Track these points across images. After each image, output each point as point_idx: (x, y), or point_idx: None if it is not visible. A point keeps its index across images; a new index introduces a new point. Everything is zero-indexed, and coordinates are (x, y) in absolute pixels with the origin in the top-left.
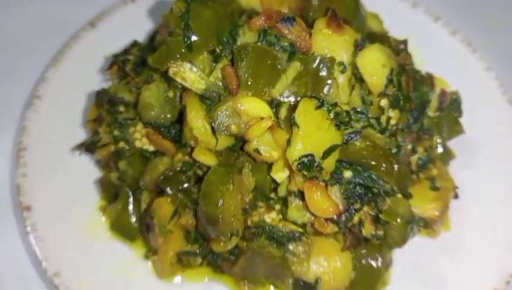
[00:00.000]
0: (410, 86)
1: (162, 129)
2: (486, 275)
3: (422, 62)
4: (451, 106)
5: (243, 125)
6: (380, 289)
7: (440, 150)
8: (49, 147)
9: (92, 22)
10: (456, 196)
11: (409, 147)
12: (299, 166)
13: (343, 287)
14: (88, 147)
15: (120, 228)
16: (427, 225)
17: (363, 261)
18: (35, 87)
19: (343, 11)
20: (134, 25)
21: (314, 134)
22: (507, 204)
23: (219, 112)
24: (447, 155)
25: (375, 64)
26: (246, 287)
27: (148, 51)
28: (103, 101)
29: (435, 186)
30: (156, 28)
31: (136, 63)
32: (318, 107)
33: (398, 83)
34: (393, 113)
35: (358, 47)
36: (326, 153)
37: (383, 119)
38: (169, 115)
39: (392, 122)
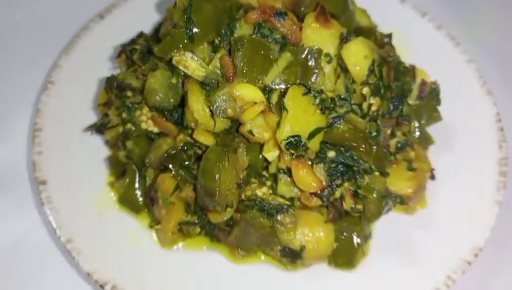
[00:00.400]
0: (391, 76)
1: (166, 112)
2: (457, 248)
3: (408, 54)
4: (431, 95)
5: (238, 109)
6: (359, 258)
7: (417, 134)
8: (62, 128)
9: (101, 14)
10: (432, 177)
11: (389, 131)
12: (287, 145)
13: (325, 255)
14: (98, 128)
15: (127, 201)
16: (403, 201)
17: (345, 233)
18: (49, 73)
19: (332, 6)
20: (140, 17)
21: (301, 117)
22: (480, 185)
23: (217, 97)
24: (426, 140)
25: (358, 56)
26: (240, 255)
27: (153, 41)
28: (112, 87)
29: (412, 167)
30: (161, 20)
31: (143, 52)
32: (305, 94)
33: (380, 73)
34: (374, 101)
35: (343, 40)
36: (312, 135)
37: (365, 105)
38: (172, 100)
39: (373, 108)
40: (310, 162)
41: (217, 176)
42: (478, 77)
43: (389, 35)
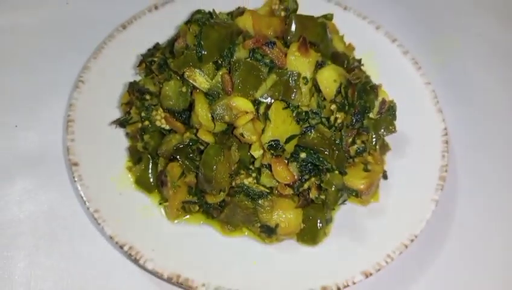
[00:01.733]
0: (355, 96)
1: (176, 114)
2: (398, 234)
3: (378, 73)
4: (389, 111)
5: (233, 116)
6: (321, 237)
7: (374, 142)
8: (91, 120)
9: (124, 24)
10: (385, 177)
11: (350, 139)
12: (268, 147)
13: (294, 233)
14: (121, 123)
15: (142, 182)
16: (358, 195)
17: (310, 217)
18: (79, 74)
19: (313, 36)
20: (157, 28)
21: (281, 126)
22: (423, 186)
23: (217, 106)
24: (384, 147)
25: (328, 80)
26: (228, 229)
27: (169, 55)
28: (134, 90)
29: (367, 169)
30: (174, 32)
31: (160, 64)
32: (285, 108)
33: (345, 93)
34: (339, 115)
35: (318, 66)
36: (288, 140)
37: (332, 119)
38: (182, 104)
39: (338, 121)
40: (286, 161)
41: (214, 167)
42: (433, 97)
43: (359, 60)
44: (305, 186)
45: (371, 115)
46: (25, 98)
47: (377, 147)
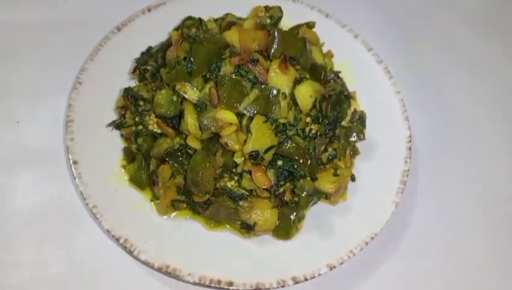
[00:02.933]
0: (328, 109)
1: (167, 120)
2: (360, 232)
3: (354, 80)
4: (359, 120)
5: (218, 127)
6: (294, 233)
7: (344, 150)
8: (89, 120)
9: (119, 26)
10: (353, 179)
11: (322, 147)
12: (249, 157)
13: (270, 229)
14: (117, 125)
15: (135, 180)
16: (327, 197)
17: (285, 215)
18: (77, 75)
19: (294, 51)
20: (150, 30)
21: (261, 138)
22: (385, 188)
23: (204, 118)
24: (355, 152)
25: (305, 95)
26: (212, 224)
27: (161, 61)
28: (129, 95)
29: (336, 173)
30: (166, 34)
31: (153, 72)
32: (265, 122)
33: (320, 107)
34: (314, 127)
35: (296, 82)
36: (267, 150)
37: (307, 130)
38: (173, 112)
39: (313, 131)
40: (264, 168)
41: (200, 173)
42: (401, 106)
43: (336, 73)
44: (281, 190)
45: (343, 123)
46: (26, 95)
47: (347, 153)
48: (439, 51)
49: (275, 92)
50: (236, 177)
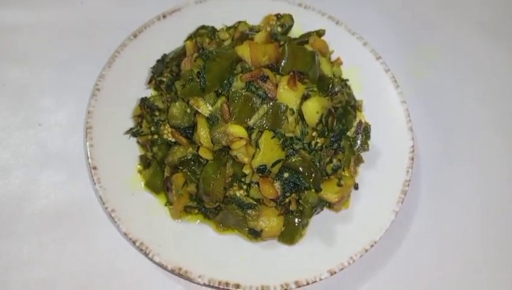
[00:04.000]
0: (334, 123)
1: (181, 130)
2: (360, 239)
3: (361, 88)
4: (364, 131)
5: (229, 141)
6: (298, 239)
7: (349, 161)
8: (107, 127)
9: (135, 33)
10: (356, 188)
11: (328, 159)
12: (257, 171)
13: (276, 235)
14: (134, 133)
15: (151, 185)
16: (331, 206)
17: (290, 222)
18: (96, 82)
19: (303, 65)
20: (165, 37)
21: (268, 153)
22: (386, 197)
23: (216, 133)
24: (359, 160)
25: (312, 111)
26: (222, 229)
27: (175, 70)
28: (145, 105)
29: (340, 183)
30: (181, 40)
31: (167, 85)
32: (273, 137)
33: (326, 122)
34: (319, 140)
35: (304, 98)
36: (274, 164)
37: (313, 143)
38: (186, 123)
39: (318, 145)
40: (271, 179)
41: (211, 183)
42: (406, 115)
43: (344, 81)
44: (287, 200)
45: (349, 134)
46: (46, 97)
47: (351, 163)
48: (445, 56)
49: (283, 108)
50: (245, 187)
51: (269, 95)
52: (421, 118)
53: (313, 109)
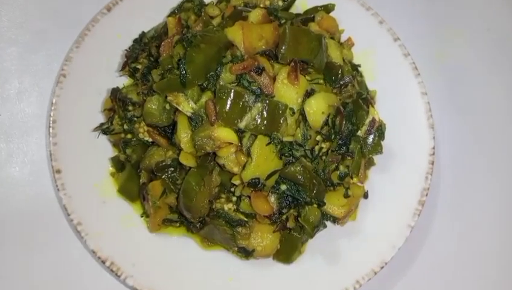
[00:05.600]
0: (343, 124)
1: (159, 128)
2: (368, 259)
3: (373, 76)
4: (377, 131)
5: (215, 147)
6: (296, 256)
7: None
8: (74, 121)
9: (108, 6)
10: (366, 197)
11: (333, 166)
12: (248, 184)
13: (271, 255)
14: (104, 131)
15: (125, 192)
16: (335, 221)
17: (287, 238)
18: (61, 66)
19: (307, 52)
20: (145, 9)
21: (263, 164)
22: (401, 209)
23: (199, 138)
24: (369, 163)
25: (316, 112)
26: (208, 244)
27: (154, 59)
28: (117, 98)
29: (347, 194)
30: (163, 14)
31: (144, 74)
32: (268, 144)
33: (333, 123)
34: (324, 145)
35: (307, 95)
36: (269, 176)
37: (317, 148)
38: (165, 120)
39: (323, 150)
40: (265, 193)
41: (194, 199)
42: (427, 110)
43: (354, 75)
44: (283, 217)
45: (359, 133)
46: (7, 84)
47: (362, 168)
48: (472, 37)
49: (281, 107)
50: (234, 199)
51: (265, 91)
52: (445, 112)
53: (318, 108)
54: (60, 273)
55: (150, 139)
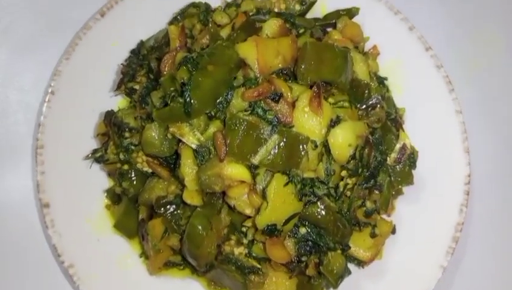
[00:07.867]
0: (371, 156)
1: (160, 159)
2: None
3: (403, 90)
4: (408, 160)
5: (225, 186)
6: None
7: (387, 201)
8: (64, 146)
9: (102, 10)
10: (393, 232)
11: (359, 202)
12: (263, 232)
13: None
14: (97, 159)
15: (122, 227)
16: (360, 264)
17: (305, 283)
18: (49, 81)
19: (331, 71)
20: (143, 15)
21: (280, 208)
22: (431, 246)
23: (206, 177)
24: (397, 192)
25: (343, 144)
26: (214, 287)
27: (153, 83)
28: (111, 122)
29: (374, 233)
30: (163, 21)
31: (142, 95)
32: (286, 184)
33: (360, 156)
34: (350, 181)
35: (332, 124)
36: (287, 221)
37: (341, 185)
38: (167, 151)
39: (349, 187)
40: (282, 237)
41: (200, 245)
42: (462, 131)
43: (383, 83)
44: (302, 264)
45: (388, 161)
46: None
47: (390, 202)
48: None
49: (302, 139)
50: (245, 241)
51: (282, 120)
52: (480, 133)
53: (345, 140)
54: None
55: (150, 170)
